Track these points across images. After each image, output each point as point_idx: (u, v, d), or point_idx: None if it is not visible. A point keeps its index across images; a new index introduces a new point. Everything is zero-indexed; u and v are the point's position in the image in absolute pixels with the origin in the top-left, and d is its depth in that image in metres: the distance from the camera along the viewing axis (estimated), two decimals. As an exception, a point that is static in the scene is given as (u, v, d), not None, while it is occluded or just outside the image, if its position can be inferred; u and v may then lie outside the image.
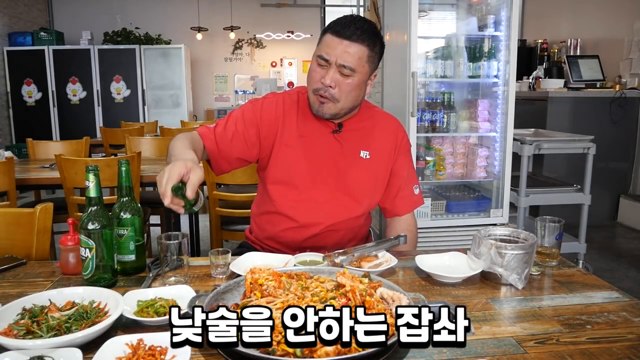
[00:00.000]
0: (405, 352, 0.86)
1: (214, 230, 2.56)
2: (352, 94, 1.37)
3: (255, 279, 0.97)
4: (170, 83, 7.29)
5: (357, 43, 1.32)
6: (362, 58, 1.34)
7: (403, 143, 1.56)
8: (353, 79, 1.35)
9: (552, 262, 1.28)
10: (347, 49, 1.32)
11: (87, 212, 1.12)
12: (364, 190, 1.51)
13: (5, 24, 6.78)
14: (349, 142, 1.48)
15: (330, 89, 1.35)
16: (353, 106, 1.43)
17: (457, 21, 3.09)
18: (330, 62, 1.33)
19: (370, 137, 1.51)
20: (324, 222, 1.47)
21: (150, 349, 0.83)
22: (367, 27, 1.34)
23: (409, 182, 1.57)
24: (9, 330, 0.88)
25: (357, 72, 1.34)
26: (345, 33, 1.32)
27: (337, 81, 1.34)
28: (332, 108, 1.39)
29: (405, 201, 1.56)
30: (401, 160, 1.56)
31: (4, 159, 2.64)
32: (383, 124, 1.55)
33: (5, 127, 6.90)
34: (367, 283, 0.97)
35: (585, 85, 4.62)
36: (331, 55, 1.33)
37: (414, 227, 1.59)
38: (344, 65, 1.32)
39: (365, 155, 1.50)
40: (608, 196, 4.52)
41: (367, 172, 1.50)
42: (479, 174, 2.97)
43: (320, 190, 1.47)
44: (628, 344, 0.88)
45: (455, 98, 2.97)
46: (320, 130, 1.47)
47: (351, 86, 1.36)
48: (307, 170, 1.47)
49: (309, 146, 1.47)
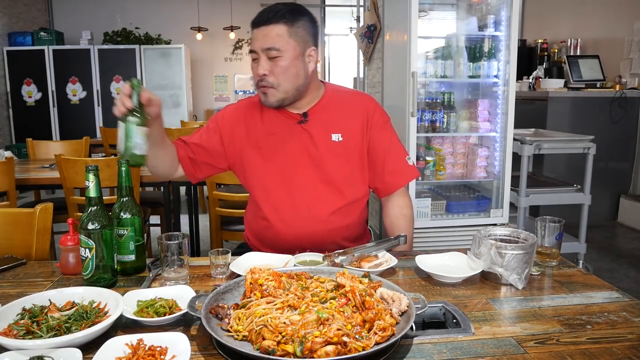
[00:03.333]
0: (405, 352, 0.86)
1: (214, 230, 2.56)
2: (287, 73, 1.38)
3: (255, 279, 0.97)
4: (170, 83, 7.29)
5: (272, 24, 1.35)
6: (281, 35, 1.35)
7: (375, 117, 1.52)
8: (282, 59, 1.36)
9: (552, 262, 1.28)
10: (265, 33, 1.36)
11: (87, 212, 1.12)
12: (343, 174, 1.48)
13: (5, 24, 6.78)
14: (318, 128, 1.47)
15: (266, 77, 1.37)
16: (297, 86, 1.41)
17: (457, 21, 3.09)
18: (257, 51, 1.37)
19: (339, 119, 1.50)
20: (311, 217, 1.46)
21: (150, 349, 0.83)
22: (281, 7, 1.37)
23: (395, 155, 1.53)
24: (9, 330, 0.88)
25: (283, 49, 1.35)
26: (260, 21, 1.37)
27: (269, 67, 1.36)
28: (275, 94, 1.40)
29: (395, 176, 1.52)
30: (377, 135, 1.52)
31: (4, 159, 2.64)
32: (351, 102, 1.53)
33: (5, 127, 6.90)
34: (367, 283, 0.97)
35: (586, 85, 4.62)
36: (255, 45, 1.37)
37: (408, 206, 1.55)
38: (267, 48, 1.35)
39: (338, 137, 1.48)
40: (608, 196, 4.52)
41: (341, 154, 1.48)
42: (479, 174, 2.97)
43: (299, 184, 1.47)
44: (628, 344, 0.88)
45: (455, 98, 2.97)
46: (286, 124, 1.48)
47: (283, 67, 1.36)
48: (282, 167, 1.47)
49: (279, 143, 1.48)
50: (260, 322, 0.85)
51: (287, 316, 0.85)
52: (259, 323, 0.85)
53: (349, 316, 0.86)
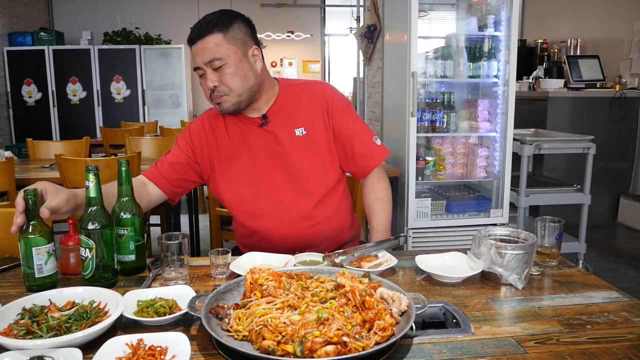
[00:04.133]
0: (405, 352, 0.86)
1: (214, 230, 2.56)
2: (235, 78, 1.37)
3: (255, 279, 0.97)
4: (170, 83, 7.29)
5: (207, 36, 1.34)
6: (219, 44, 1.34)
7: (334, 103, 1.51)
8: (227, 66, 1.35)
9: (552, 262, 1.28)
10: (202, 47, 1.35)
11: (87, 212, 1.12)
12: (313, 167, 1.48)
13: (5, 24, 6.78)
14: (280, 127, 1.47)
15: (217, 88, 1.37)
16: (249, 87, 1.40)
17: (457, 21, 3.09)
18: (201, 66, 1.36)
19: (299, 113, 1.49)
20: (291, 217, 1.46)
21: (150, 349, 0.83)
22: (211, 17, 1.37)
23: (362, 138, 1.52)
24: (9, 330, 0.88)
25: (224, 57, 1.34)
26: (195, 37, 1.36)
27: (217, 78, 1.36)
28: (229, 100, 1.39)
29: (366, 159, 1.52)
30: (340, 121, 1.51)
31: (4, 159, 2.64)
32: (307, 94, 1.52)
33: (5, 127, 6.90)
34: (367, 283, 0.97)
35: (585, 85, 4.62)
36: (197, 61, 1.36)
37: (384, 188, 1.56)
38: (209, 60, 1.34)
39: (301, 132, 1.47)
40: (608, 196, 4.52)
41: (309, 147, 1.48)
42: (479, 174, 2.97)
43: (273, 187, 1.47)
44: (628, 344, 0.88)
45: (455, 98, 2.97)
46: (249, 130, 1.48)
47: (230, 74, 1.36)
48: (253, 174, 1.47)
49: (247, 150, 1.48)
50: (260, 322, 0.85)
51: (287, 316, 0.85)
52: (259, 323, 0.85)
53: (349, 316, 0.86)
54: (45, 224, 1.12)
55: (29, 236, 1.09)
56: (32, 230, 1.09)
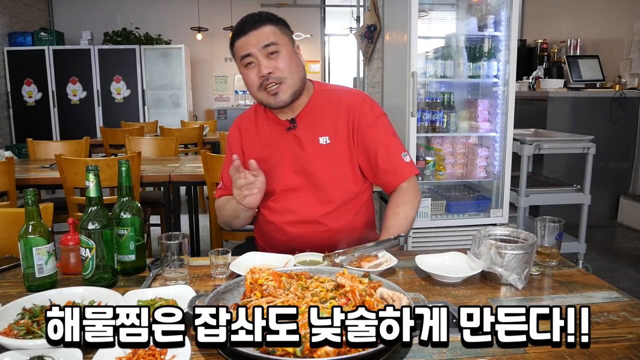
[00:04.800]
0: (405, 352, 0.86)
1: (214, 230, 2.56)
2: (291, 64, 1.38)
3: (255, 279, 0.97)
4: (170, 83, 7.29)
5: (261, 27, 1.36)
6: (275, 32, 1.37)
7: (362, 114, 1.46)
8: (282, 52, 1.36)
9: (552, 262, 1.28)
10: (257, 35, 1.35)
11: (87, 212, 1.12)
12: (333, 176, 1.46)
13: (5, 24, 6.78)
14: (306, 133, 1.47)
15: (271, 75, 1.36)
16: (300, 78, 1.41)
17: (457, 21, 3.09)
18: (254, 54, 1.36)
19: (326, 121, 1.47)
20: (301, 220, 1.47)
21: (150, 349, 0.83)
22: (260, 13, 1.39)
23: (387, 153, 1.46)
24: (9, 330, 0.88)
25: (280, 43, 1.36)
26: (246, 28, 1.37)
27: (272, 64, 1.36)
28: (286, 90, 1.39)
29: (390, 176, 1.46)
30: (366, 133, 1.46)
31: (4, 159, 2.64)
32: (338, 102, 1.49)
33: (6, 127, 6.91)
34: (367, 283, 0.97)
35: (585, 85, 4.62)
36: (249, 48, 1.36)
37: (405, 203, 1.45)
38: (265, 45, 1.35)
39: (325, 140, 1.46)
40: (608, 196, 4.52)
41: (330, 157, 1.46)
42: (479, 174, 2.97)
43: (293, 190, 1.48)
44: (628, 344, 0.88)
45: (455, 98, 2.97)
46: (277, 133, 1.49)
47: (286, 58, 1.37)
48: (277, 175, 1.48)
49: (274, 151, 1.49)
50: (260, 322, 0.85)
51: (287, 316, 0.85)
52: (259, 323, 0.85)
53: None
54: (45, 224, 1.12)
55: (29, 236, 1.09)
56: (32, 230, 1.10)
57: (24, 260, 1.11)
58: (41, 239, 1.10)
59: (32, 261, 1.10)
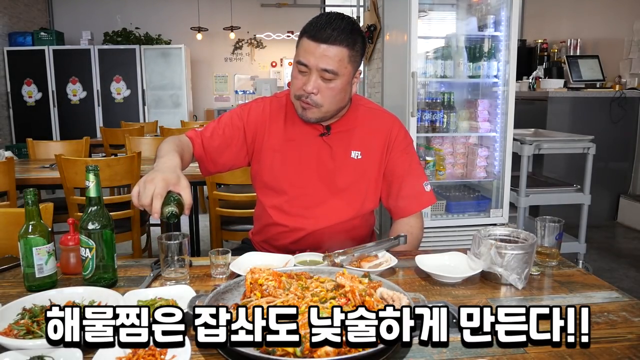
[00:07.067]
0: (405, 352, 0.86)
1: (214, 230, 2.56)
2: (336, 98, 1.34)
3: (255, 279, 0.97)
4: (170, 83, 7.29)
5: (335, 45, 1.26)
6: (342, 60, 1.28)
7: (398, 140, 1.48)
8: (336, 83, 1.30)
9: (552, 262, 1.28)
10: (325, 53, 1.27)
11: (87, 212, 1.12)
12: (355, 191, 1.47)
13: (5, 24, 6.78)
14: (339, 143, 1.45)
15: (312, 96, 1.31)
16: (338, 108, 1.39)
17: (457, 21, 3.09)
18: (310, 67, 1.28)
19: (361, 137, 1.47)
20: (314, 226, 1.46)
21: (150, 349, 0.83)
22: (345, 25, 1.28)
23: (413, 180, 1.48)
24: (9, 330, 0.88)
25: (340, 74, 1.29)
26: (322, 36, 1.26)
27: (319, 87, 1.30)
28: (316, 113, 1.35)
29: (409, 201, 1.48)
30: (397, 158, 1.48)
31: (4, 159, 2.64)
32: (376, 122, 1.49)
33: (5, 127, 6.91)
34: (366, 283, 0.97)
35: (585, 85, 4.62)
36: (310, 60, 1.28)
37: (419, 227, 1.51)
38: (325, 69, 1.27)
39: (357, 155, 1.46)
40: (608, 196, 4.52)
41: (358, 172, 1.46)
42: (479, 174, 2.97)
43: (309, 194, 1.46)
44: (628, 344, 0.88)
45: (455, 98, 2.97)
46: (308, 134, 1.45)
47: (334, 90, 1.31)
48: (294, 174, 1.46)
49: (297, 150, 1.45)
50: (260, 322, 0.85)
51: (287, 316, 0.85)
52: (259, 323, 0.85)
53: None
54: (45, 224, 1.12)
55: (29, 236, 1.09)
56: (32, 230, 1.09)
57: (24, 260, 1.11)
58: (41, 239, 1.10)
59: (32, 261, 1.10)
